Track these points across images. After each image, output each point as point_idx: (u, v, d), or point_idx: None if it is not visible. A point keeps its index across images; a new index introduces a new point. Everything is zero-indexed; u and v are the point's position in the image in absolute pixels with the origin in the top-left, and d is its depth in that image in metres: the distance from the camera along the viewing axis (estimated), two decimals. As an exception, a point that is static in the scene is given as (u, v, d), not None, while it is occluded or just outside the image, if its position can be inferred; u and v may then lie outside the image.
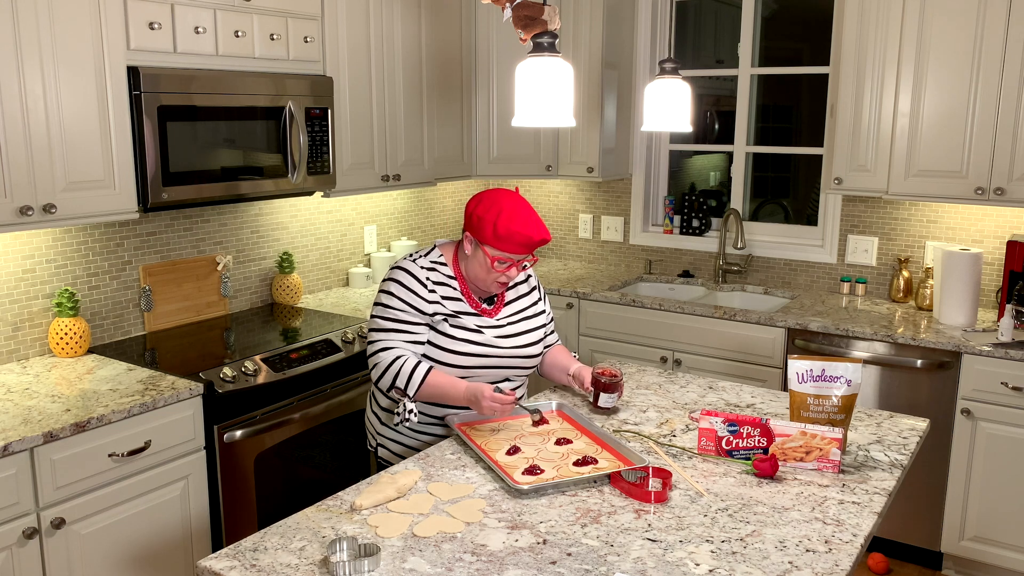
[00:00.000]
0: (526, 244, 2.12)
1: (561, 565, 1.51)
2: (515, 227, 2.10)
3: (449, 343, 2.19)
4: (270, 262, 3.54)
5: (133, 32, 2.55)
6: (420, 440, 2.28)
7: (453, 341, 2.19)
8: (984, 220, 3.53)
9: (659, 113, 2.43)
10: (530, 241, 2.12)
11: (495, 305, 2.29)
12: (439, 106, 3.82)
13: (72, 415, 2.26)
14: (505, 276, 2.19)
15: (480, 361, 2.20)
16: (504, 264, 2.16)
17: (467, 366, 2.20)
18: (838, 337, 3.30)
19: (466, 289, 2.25)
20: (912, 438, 2.13)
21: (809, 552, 1.57)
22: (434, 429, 2.27)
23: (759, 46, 4.09)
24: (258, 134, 2.91)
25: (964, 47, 3.17)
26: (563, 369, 2.38)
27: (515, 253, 2.15)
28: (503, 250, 2.13)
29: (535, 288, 2.41)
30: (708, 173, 4.61)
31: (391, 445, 2.32)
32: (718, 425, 1.97)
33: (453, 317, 2.20)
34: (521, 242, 2.12)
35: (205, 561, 1.52)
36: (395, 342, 2.17)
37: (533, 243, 2.13)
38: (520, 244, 2.12)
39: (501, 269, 2.16)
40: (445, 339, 2.19)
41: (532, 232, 2.11)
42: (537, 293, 2.40)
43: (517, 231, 2.10)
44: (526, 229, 2.11)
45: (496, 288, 2.23)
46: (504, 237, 2.11)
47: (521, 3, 2.13)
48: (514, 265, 2.17)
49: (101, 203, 2.53)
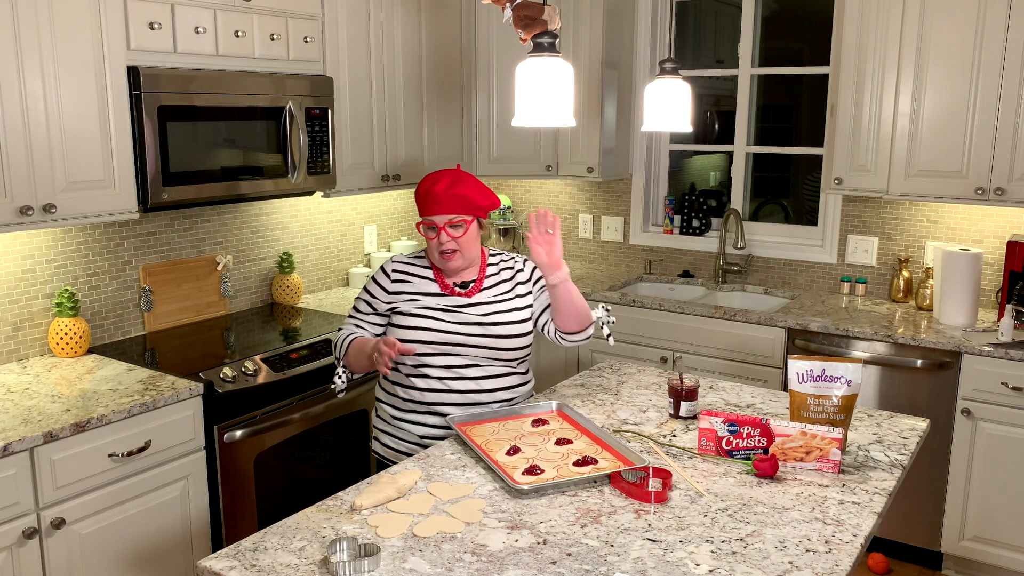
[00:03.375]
0: (436, 200, 2.14)
1: (561, 565, 1.51)
2: (422, 186, 2.18)
3: (408, 320, 2.21)
4: (270, 262, 3.54)
5: (133, 32, 2.55)
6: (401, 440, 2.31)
7: (411, 318, 2.21)
8: (984, 220, 3.53)
9: (659, 113, 2.43)
10: (435, 194, 2.14)
11: (470, 288, 2.28)
12: (439, 106, 3.82)
13: (72, 415, 2.26)
14: (440, 245, 2.18)
15: (442, 338, 2.20)
16: (431, 230, 2.19)
17: (429, 341, 2.19)
18: (838, 337, 3.30)
19: (441, 277, 2.28)
20: (912, 438, 2.13)
21: (809, 552, 1.57)
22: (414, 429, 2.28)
23: (759, 46, 4.09)
24: (258, 134, 2.91)
25: (964, 47, 3.17)
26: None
27: (432, 213, 2.16)
28: (422, 214, 2.19)
29: (529, 281, 2.36)
30: (708, 173, 4.61)
31: (382, 437, 2.36)
32: (718, 425, 1.97)
33: (414, 300, 2.23)
34: (430, 199, 2.14)
35: (205, 561, 1.52)
36: (347, 325, 2.34)
37: (441, 198, 2.14)
38: (431, 202, 2.15)
39: (431, 237, 2.19)
40: (405, 317, 2.22)
41: (431, 184, 2.15)
42: (530, 287, 2.35)
43: (422, 188, 2.17)
44: (429, 183, 2.16)
45: (448, 265, 2.22)
46: (417, 199, 2.20)
47: (521, 3, 2.13)
48: (441, 229, 2.17)
49: (101, 203, 2.53)
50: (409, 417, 2.28)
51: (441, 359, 2.22)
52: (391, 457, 2.33)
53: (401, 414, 2.30)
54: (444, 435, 2.24)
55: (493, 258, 2.37)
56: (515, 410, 2.22)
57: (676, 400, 2.23)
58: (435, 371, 2.23)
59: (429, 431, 2.27)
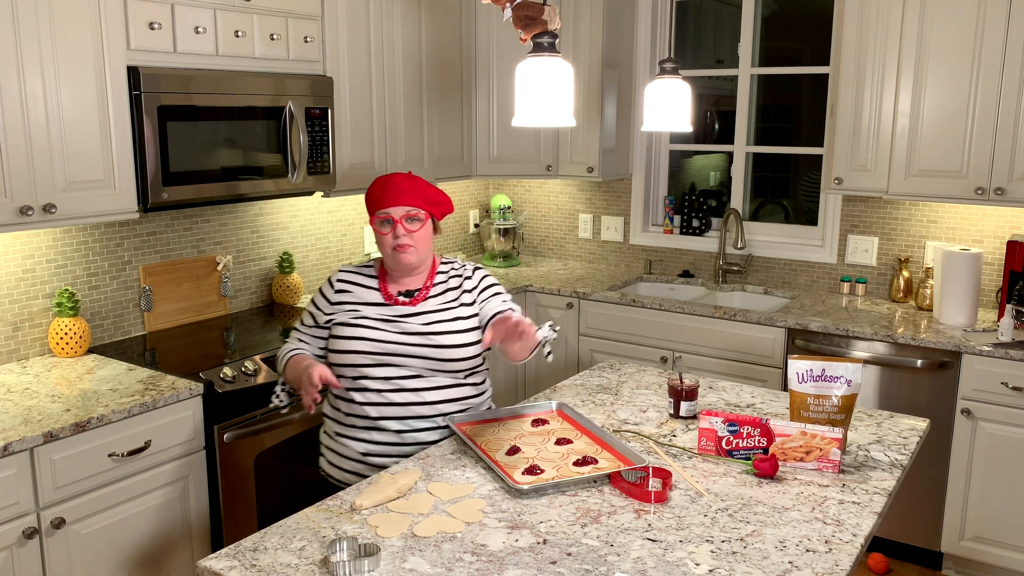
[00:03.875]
0: (394, 191, 2.11)
1: (561, 565, 1.51)
2: (377, 182, 2.16)
3: (345, 331, 2.14)
4: (270, 262, 3.54)
5: (133, 32, 2.55)
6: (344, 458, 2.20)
7: (348, 328, 2.14)
8: (984, 220, 3.53)
9: (659, 113, 2.43)
10: (394, 184, 2.12)
11: (415, 297, 2.20)
12: (439, 106, 3.82)
13: (72, 415, 2.26)
14: (395, 240, 2.12)
15: (380, 348, 2.11)
16: (386, 225, 2.14)
17: (366, 352, 2.11)
18: (838, 337, 3.30)
19: (385, 286, 2.22)
20: (912, 438, 2.13)
21: (809, 552, 1.57)
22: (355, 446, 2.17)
23: (759, 46, 4.09)
24: (258, 134, 2.91)
25: (964, 47, 3.17)
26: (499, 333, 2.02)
27: (389, 205, 2.12)
28: (376, 208, 2.14)
29: (475, 289, 2.25)
30: (708, 173, 4.61)
31: (327, 454, 2.26)
32: (718, 425, 1.97)
33: (353, 311, 2.17)
34: (388, 189, 2.12)
35: (205, 561, 1.52)
36: (291, 338, 2.30)
37: (400, 188, 2.11)
38: (389, 193, 2.12)
39: (385, 232, 2.14)
40: (342, 328, 2.16)
41: (388, 178, 2.14)
42: (475, 295, 2.24)
43: (378, 182, 2.15)
44: (384, 177, 2.15)
45: (402, 259, 2.13)
46: (370, 194, 2.16)
47: (521, 3, 2.13)
48: (397, 222, 2.12)
49: (101, 203, 2.53)
50: (351, 433, 2.17)
51: (380, 370, 2.12)
52: (336, 476, 2.22)
53: (344, 430, 2.19)
54: (388, 452, 2.13)
55: (444, 266, 2.28)
56: (515, 410, 2.22)
57: (676, 400, 2.23)
58: (374, 383, 2.12)
59: (371, 447, 2.14)
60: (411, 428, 2.12)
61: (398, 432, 2.12)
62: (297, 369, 2.14)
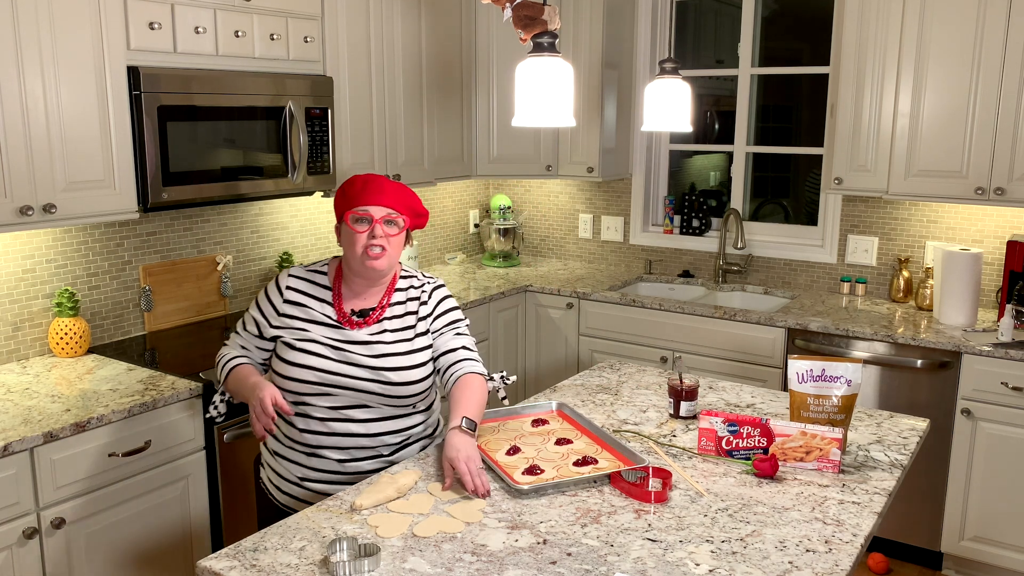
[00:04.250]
0: (378, 189, 1.96)
1: (561, 565, 1.51)
2: (358, 178, 2.00)
3: (291, 355, 1.98)
4: (270, 262, 3.54)
5: (133, 32, 2.55)
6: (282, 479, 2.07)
7: (294, 353, 1.97)
8: (984, 220, 3.53)
9: (659, 113, 2.43)
10: (377, 183, 1.97)
11: (367, 318, 2.02)
12: (439, 106, 3.82)
13: (72, 415, 2.26)
14: (369, 240, 1.95)
15: (326, 379, 1.95)
16: (363, 223, 1.96)
17: (311, 381, 1.96)
18: (838, 337, 3.30)
19: (339, 300, 2.03)
20: (912, 438, 2.13)
21: (809, 552, 1.57)
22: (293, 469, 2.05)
23: (759, 46, 4.09)
24: (258, 134, 2.91)
25: (964, 47, 3.17)
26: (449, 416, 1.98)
27: (370, 203, 1.95)
28: (354, 205, 1.96)
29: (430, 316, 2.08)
30: (708, 173, 4.61)
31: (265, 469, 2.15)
32: (718, 425, 1.97)
33: (302, 331, 2.00)
34: (370, 187, 1.96)
35: (205, 561, 1.52)
36: (232, 342, 2.12)
37: (384, 187, 1.97)
38: (372, 190, 1.96)
39: (362, 230, 1.95)
40: (288, 351, 1.99)
41: (370, 176, 1.98)
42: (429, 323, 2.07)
43: (359, 179, 1.99)
44: (367, 176, 2.00)
45: (372, 266, 1.96)
46: (348, 190, 1.99)
47: (521, 3, 2.13)
48: (376, 222, 1.95)
49: (101, 203, 2.53)
50: (290, 456, 2.05)
51: (324, 399, 1.98)
52: (274, 494, 2.11)
53: (283, 450, 2.06)
54: (328, 480, 2.02)
55: (403, 281, 2.10)
56: (515, 410, 2.22)
57: (676, 400, 2.23)
58: (317, 411, 1.98)
59: (309, 473, 2.03)
60: (353, 458, 2.01)
61: (339, 461, 2.01)
62: (243, 384, 1.99)
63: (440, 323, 2.08)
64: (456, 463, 1.79)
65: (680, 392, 2.22)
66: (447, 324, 2.09)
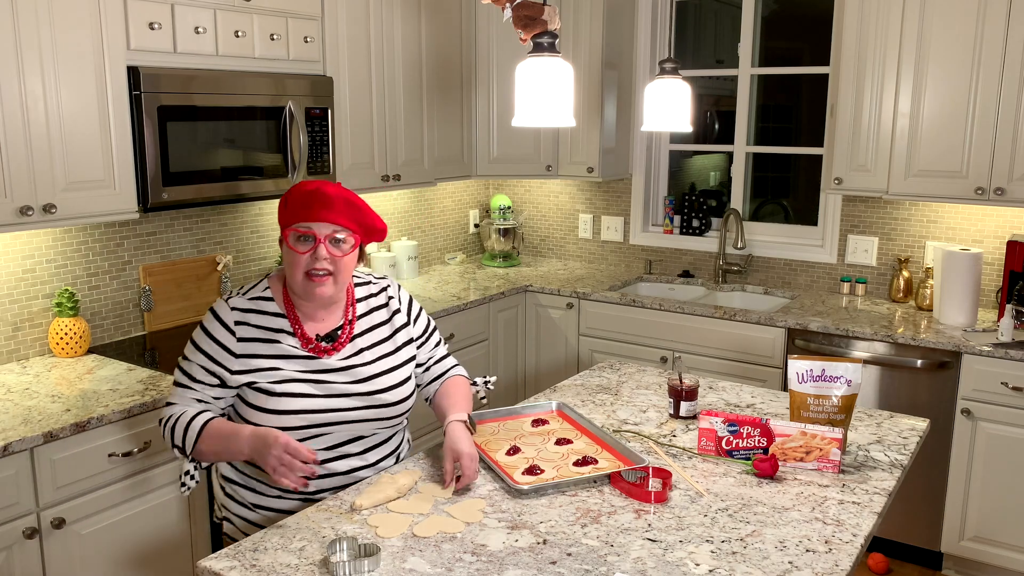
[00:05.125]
0: (324, 202, 1.71)
1: (561, 565, 1.51)
2: (303, 187, 1.75)
3: (273, 402, 1.75)
4: (270, 262, 3.54)
5: (133, 32, 2.55)
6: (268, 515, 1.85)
7: (277, 399, 1.74)
8: (984, 220, 3.53)
9: (659, 113, 2.43)
10: (323, 195, 1.72)
11: (337, 341, 1.83)
12: (439, 106, 3.82)
13: (72, 415, 2.26)
14: (313, 261, 1.73)
15: (317, 419, 1.77)
16: (305, 241, 1.73)
17: (300, 426, 1.76)
18: (838, 337, 3.30)
19: (298, 325, 1.81)
20: (912, 438, 2.13)
21: (809, 552, 1.57)
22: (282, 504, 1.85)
23: (759, 46, 4.09)
24: (258, 134, 2.91)
25: (964, 47, 3.17)
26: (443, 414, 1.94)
27: (314, 219, 1.72)
28: (295, 220, 1.73)
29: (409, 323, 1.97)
30: (708, 173, 4.61)
31: (236, 521, 1.90)
32: (718, 425, 1.97)
33: (274, 371, 1.76)
34: (316, 200, 1.71)
35: (205, 561, 1.52)
36: (182, 398, 1.79)
37: (331, 200, 1.72)
38: (317, 203, 1.71)
39: (304, 250, 1.73)
40: (265, 398, 1.75)
41: (318, 185, 1.73)
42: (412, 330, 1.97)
43: (303, 188, 1.74)
44: (313, 184, 1.74)
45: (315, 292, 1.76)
46: (290, 201, 1.75)
47: (521, 3, 2.13)
48: (321, 241, 1.73)
49: (101, 203, 2.53)
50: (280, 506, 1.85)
51: (317, 441, 1.79)
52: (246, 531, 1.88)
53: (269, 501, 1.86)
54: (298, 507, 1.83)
55: (360, 290, 1.93)
56: (515, 410, 2.22)
57: (676, 400, 2.23)
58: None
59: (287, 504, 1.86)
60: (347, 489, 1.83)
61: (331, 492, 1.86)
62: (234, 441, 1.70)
63: (419, 329, 2.01)
64: (461, 458, 1.80)
65: (680, 392, 2.22)
66: (426, 331, 2.04)
